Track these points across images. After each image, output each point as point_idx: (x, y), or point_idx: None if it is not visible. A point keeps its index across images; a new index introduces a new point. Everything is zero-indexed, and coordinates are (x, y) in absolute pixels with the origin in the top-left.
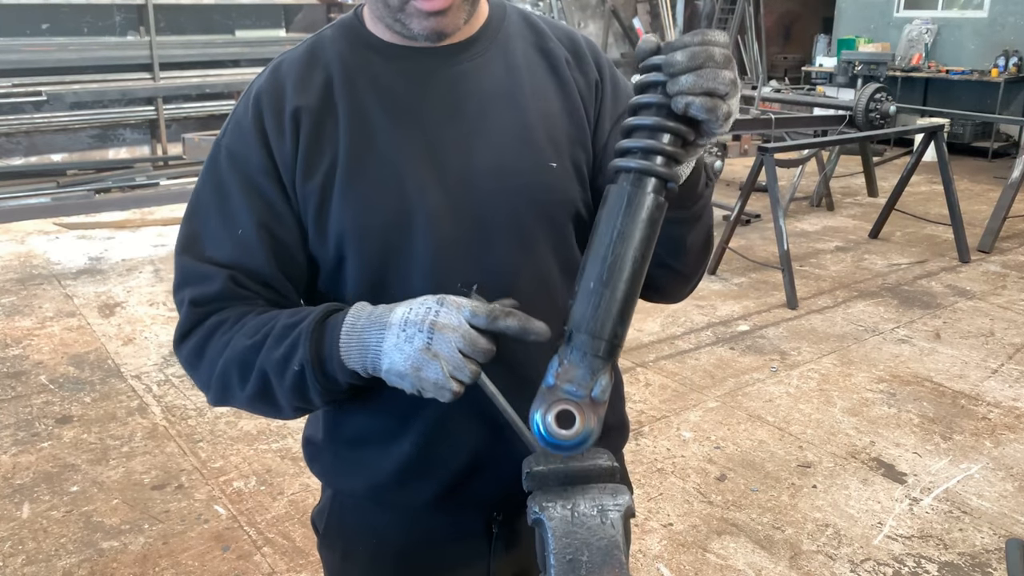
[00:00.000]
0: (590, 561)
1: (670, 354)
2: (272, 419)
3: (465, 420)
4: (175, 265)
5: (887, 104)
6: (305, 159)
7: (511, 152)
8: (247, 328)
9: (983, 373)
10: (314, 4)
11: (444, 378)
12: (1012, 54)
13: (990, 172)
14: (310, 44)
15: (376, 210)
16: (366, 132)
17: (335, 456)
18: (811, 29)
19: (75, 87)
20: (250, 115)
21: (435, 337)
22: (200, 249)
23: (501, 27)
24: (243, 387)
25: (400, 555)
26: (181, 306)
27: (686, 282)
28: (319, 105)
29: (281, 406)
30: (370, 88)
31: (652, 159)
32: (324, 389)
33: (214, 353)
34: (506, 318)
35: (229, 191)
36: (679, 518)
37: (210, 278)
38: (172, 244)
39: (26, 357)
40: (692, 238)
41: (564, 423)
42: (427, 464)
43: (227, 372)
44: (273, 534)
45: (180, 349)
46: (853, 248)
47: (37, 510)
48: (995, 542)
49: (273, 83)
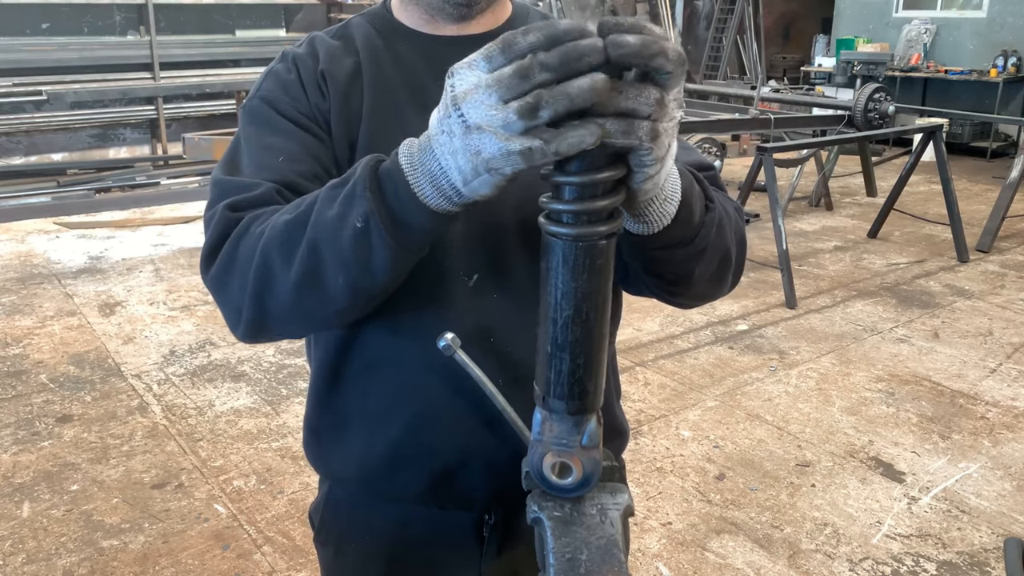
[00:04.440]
0: (589, 560)
1: (669, 353)
2: (312, 320)
3: (457, 408)
4: (211, 188)
5: (886, 104)
6: (337, 120)
7: None
8: (286, 209)
9: (981, 372)
10: (314, 4)
11: (503, 142)
12: (1011, 54)
13: (989, 172)
14: (341, 29)
15: None
16: (388, 115)
17: (328, 439)
18: (810, 29)
19: (75, 87)
20: (290, 70)
21: (464, 109)
22: (241, 170)
23: (524, 25)
24: (288, 267)
25: (391, 554)
26: (212, 219)
27: (705, 300)
28: (346, 83)
29: (331, 289)
30: (395, 72)
31: (582, 223)
32: (396, 243)
33: (247, 249)
34: (523, 36)
35: (269, 124)
36: (678, 517)
37: (252, 187)
38: (172, 243)
39: (26, 356)
40: (701, 269)
41: (562, 474)
42: (418, 450)
43: (267, 257)
44: (273, 533)
45: (207, 267)
46: (852, 248)
47: (37, 509)
48: (993, 541)
49: (308, 50)
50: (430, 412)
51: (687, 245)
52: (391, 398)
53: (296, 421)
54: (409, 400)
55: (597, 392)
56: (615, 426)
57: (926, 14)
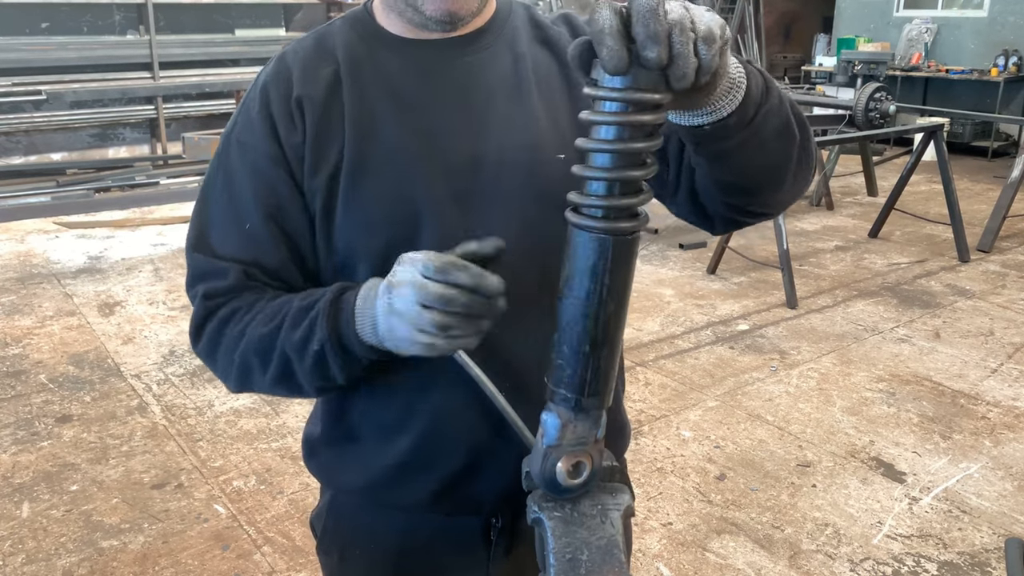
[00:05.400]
0: (590, 560)
1: (670, 353)
2: (293, 398)
3: (465, 417)
4: (187, 261)
5: (887, 103)
6: (312, 152)
7: (518, 144)
8: (262, 315)
9: (982, 372)
10: (314, 3)
11: (411, 333)
12: (1012, 53)
13: (990, 171)
14: (318, 35)
15: (381, 204)
16: (371, 124)
17: (334, 452)
18: (811, 29)
19: (75, 86)
20: (258, 105)
21: (393, 296)
22: (211, 245)
23: (507, 21)
24: (264, 372)
25: (397, 559)
26: (194, 300)
27: (778, 194)
28: (325, 96)
29: (303, 387)
30: (376, 79)
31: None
32: (345, 365)
33: (230, 342)
34: (458, 271)
35: (237, 183)
36: (679, 517)
37: (222, 273)
38: (172, 243)
39: (26, 356)
40: (771, 152)
41: (575, 472)
42: (426, 461)
43: (247, 360)
44: (273, 533)
45: (196, 342)
46: (853, 247)
47: (37, 509)
48: (994, 541)
49: (278, 73)
50: (440, 423)
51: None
52: (402, 410)
53: (296, 421)
54: (419, 412)
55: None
56: (620, 422)
57: (927, 13)
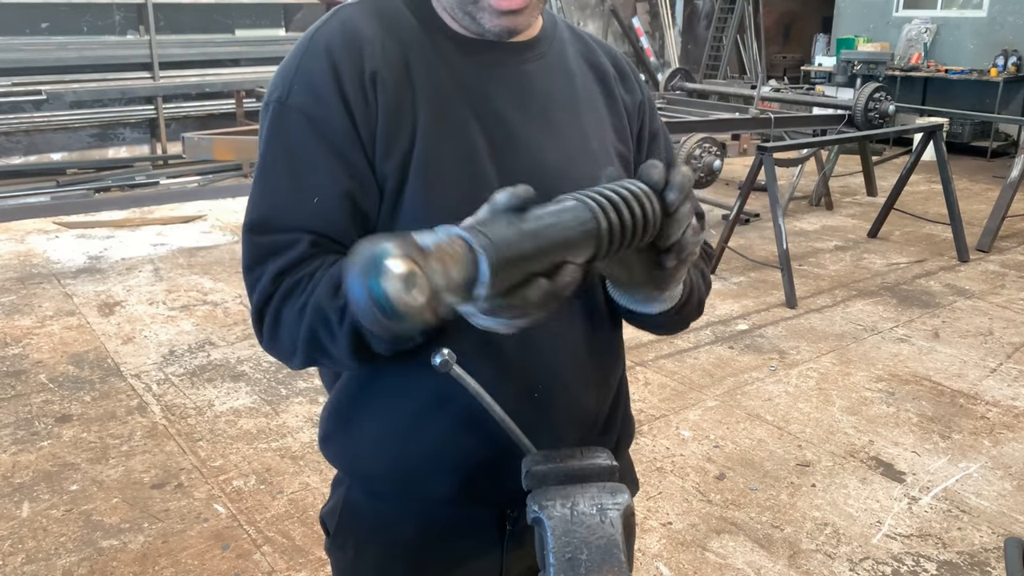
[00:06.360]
0: (589, 560)
1: (669, 353)
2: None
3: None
4: (245, 244)
5: (886, 103)
6: (385, 135)
7: (574, 155)
8: (327, 281)
9: (982, 372)
10: (314, 3)
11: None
12: (1011, 53)
13: (989, 171)
14: (372, 4)
15: (450, 203)
16: (442, 118)
17: (355, 437)
18: (810, 29)
19: (75, 86)
20: (327, 76)
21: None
22: (273, 223)
23: (555, 33)
24: (333, 340)
25: (413, 550)
26: (259, 281)
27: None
28: (397, 77)
29: (372, 348)
30: (446, 74)
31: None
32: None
33: (292, 317)
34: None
35: (303, 157)
36: (678, 517)
37: (290, 245)
38: (172, 243)
39: (26, 356)
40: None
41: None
42: (454, 454)
43: (314, 332)
44: (273, 533)
45: (259, 325)
46: (852, 247)
47: (37, 509)
48: (994, 541)
49: (345, 37)
50: (470, 414)
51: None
52: (432, 400)
53: (296, 421)
54: (449, 402)
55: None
56: (628, 418)
57: (926, 13)
